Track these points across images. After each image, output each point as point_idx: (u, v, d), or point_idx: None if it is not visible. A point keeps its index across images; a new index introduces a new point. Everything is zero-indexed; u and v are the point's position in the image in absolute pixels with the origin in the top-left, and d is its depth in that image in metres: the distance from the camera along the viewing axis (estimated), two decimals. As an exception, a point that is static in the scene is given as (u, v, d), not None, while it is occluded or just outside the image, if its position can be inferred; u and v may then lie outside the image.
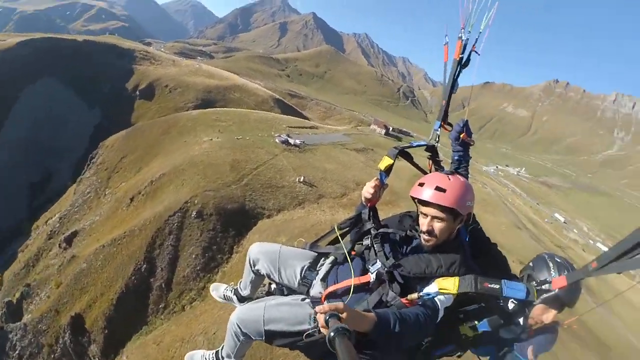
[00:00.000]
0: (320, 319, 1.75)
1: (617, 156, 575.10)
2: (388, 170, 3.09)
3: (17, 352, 25.98)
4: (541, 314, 2.63)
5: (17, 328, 27.15)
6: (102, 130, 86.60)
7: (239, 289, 3.88)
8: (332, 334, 1.56)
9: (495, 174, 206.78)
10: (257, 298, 3.67)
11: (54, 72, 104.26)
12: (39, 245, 41.53)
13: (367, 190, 3.05)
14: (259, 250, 3.37)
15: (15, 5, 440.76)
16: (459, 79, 3.49)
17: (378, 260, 2.77)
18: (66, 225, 42.79)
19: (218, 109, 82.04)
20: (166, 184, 36.59)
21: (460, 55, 3.38)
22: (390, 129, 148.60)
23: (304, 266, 3.27)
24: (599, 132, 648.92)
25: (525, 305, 2.57)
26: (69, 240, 36.10)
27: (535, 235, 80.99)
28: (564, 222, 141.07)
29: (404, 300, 2.52)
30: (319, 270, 3.23)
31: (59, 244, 36.64)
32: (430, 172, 3.38)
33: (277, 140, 59.54)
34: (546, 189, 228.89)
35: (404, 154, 3.25)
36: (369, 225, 3.08)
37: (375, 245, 2.87)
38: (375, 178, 3.09)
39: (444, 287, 2.44)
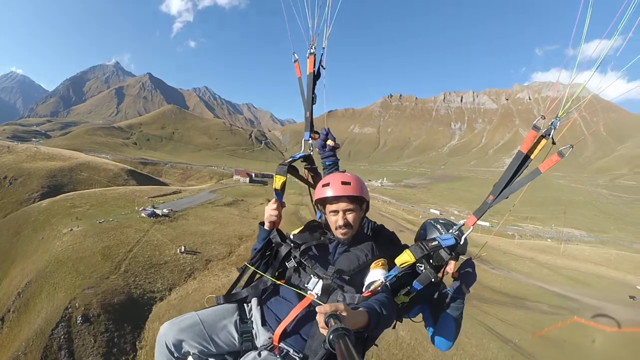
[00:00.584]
0: (320, 319, 1.75)
1: (460, 144, 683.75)
2: (283, 188, 3.27)
3: None
4: (445, 266, 3.10)
5: None
6: (-58, 244, 74.27)
7: None
8: (331, 335, 1.56)
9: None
10: None
11: None
12: None
13: (270, 213, 3.18)
14: (177, 330, 2.78)
15: None
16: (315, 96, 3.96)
17: (313, 276, 2.90)
18: None
19: (69, 193, 76.92)
20: (36, 293, 33.74)
21: (313, 69, 3.89)
22: (254, 175, 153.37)
23: (236, 321, 2.98)
24: (438, 129, 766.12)
25: (451, 250, 2.87)
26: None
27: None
28: (440, 214, 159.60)
29: (365, 294, 2.62)
30: (251, 318, 3.04)
31: None
32: (309, 180, 3.91)
33: (143, 214, 58.57)
34: (410, 189, 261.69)
35: (291, 168, 3.45)
36: (285, 247, 3.08)
37: (306, 262, 2.95)
38: (273, 200, 3.23)
39: (403, 261, 2.79)
